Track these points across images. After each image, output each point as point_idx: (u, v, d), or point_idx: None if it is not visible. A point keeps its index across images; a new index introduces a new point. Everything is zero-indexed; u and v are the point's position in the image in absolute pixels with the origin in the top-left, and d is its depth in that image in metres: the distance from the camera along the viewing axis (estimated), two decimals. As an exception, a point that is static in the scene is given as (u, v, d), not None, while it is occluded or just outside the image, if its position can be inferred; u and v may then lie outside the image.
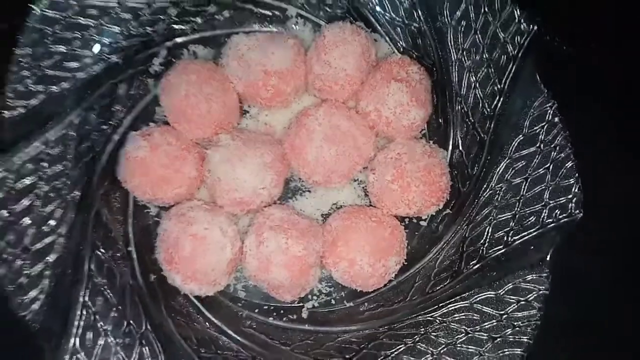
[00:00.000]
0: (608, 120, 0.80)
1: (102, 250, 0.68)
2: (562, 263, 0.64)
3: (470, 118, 0.72)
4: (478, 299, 0.65)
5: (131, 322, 0.65)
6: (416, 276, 0.71)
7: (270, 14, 0.79)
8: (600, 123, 0.79)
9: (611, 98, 0.80)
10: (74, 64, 0.69)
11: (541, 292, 0.63)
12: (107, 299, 0.65)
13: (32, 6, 0.67)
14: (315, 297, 0.73)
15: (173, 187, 0.67)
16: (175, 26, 0.75)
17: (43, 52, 0.67)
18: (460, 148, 0.73)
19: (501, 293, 0.64)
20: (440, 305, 0.67)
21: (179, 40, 0.76)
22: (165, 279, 0.68)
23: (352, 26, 0.72)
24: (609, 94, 0.80)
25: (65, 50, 0.68)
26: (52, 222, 0.65)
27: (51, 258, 0.64)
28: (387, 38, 0.77)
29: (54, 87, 0.68)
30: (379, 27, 0.77)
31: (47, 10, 0.68)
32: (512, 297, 0.64)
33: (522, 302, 0.63)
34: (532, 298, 0.63)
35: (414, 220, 0.75)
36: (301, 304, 0.72)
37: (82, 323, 0.62)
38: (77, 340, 0.61)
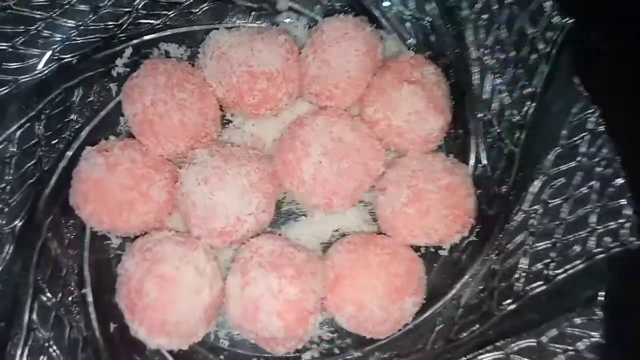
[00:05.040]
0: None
1: (49, 295, 0.62)
2: (618, 303, 0.59)
3: (496, 127, 0.68)
4: (515, 348, 0.60)
5: (83, 386, 0.58)
6: (436, 318, 0.66)
7: (256, 6, 0.75)
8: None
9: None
10: (16, 65, 0.65)
11: (594, 339, 0.58)
12: (53, 358, 0.60)
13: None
14: (314, 346, 0.67)
15: (137, 215, 0.62)
16: (143, 20, 0.71)
17: (-23, 50, 0.63)
18: (484, 163, 0.69)
19: (544, 341, 0.59)
20: (469, 356, 0.62)
21: (147, 37, 0.72)
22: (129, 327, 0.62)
23: (356, 19, 0.68)
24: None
25: (5, 48, 0.65)
26: (-18, 261, 0.60)
27: (-20, 307, 0.58)
28: (395, 35, 0.73)
29: (-9, 92, 0.64)
30: (384, 23, 0.74)
31: (-19, -1, 0.64)
32: (558, 346, 0.59)
33: (571, 353, 0.58)
34: (583, 347, 0.58)
35: (431, 249, 0.69)
36: (297, 354, 0.67)
37: (18, 392, 0.56)
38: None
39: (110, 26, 0.68)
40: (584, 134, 0.62)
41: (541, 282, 0.62)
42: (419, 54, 0.70)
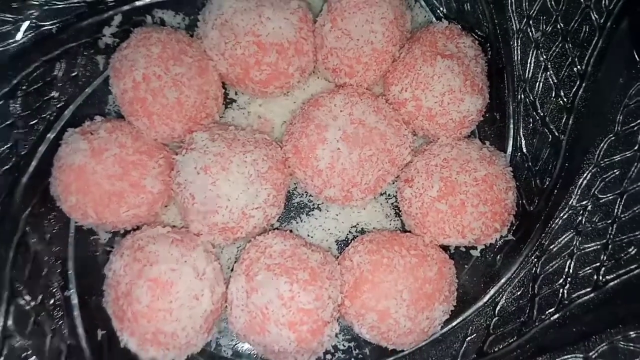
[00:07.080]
0: None
1: (27, 298, 0.58)
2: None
3: (539, 110, 0.65)
4: (560, 365, 0.55)
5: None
6: (467, 327, 0.62)
7: (265, -32, 0.71)
8: None
9: None
10: (-13, 33, 0.60)
11: (652, 357, 0.53)
12: (32, 369, 0.54)
13: None
14: (329, 356, 0.63)
15: (127, 208, 0.58)
16: (135, -17, 0.66)
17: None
18: (524, 151, 0.65)
19: (593, 357, 0.56)
20: (506, 372, 0.57)
21: (139, 2, 0.67)
22: (119, 335, 0.59)
23: (380, -18, 0.63)
24: None
25: (-26, 14, 0.59)
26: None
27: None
28: (423, 2, 0.68)
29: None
30: (411, -12, 0.68)
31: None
32: (610, 363, 0.54)
33: (625, 372, 0.53)
34: (639, 366, 0.53)
35: (462, 249, 0.65)
36: (310, 366, 0.63)
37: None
38: None
39: (96, -11, 0.63)
40: (642, 119, 0.58)
41: (589, 289, 0.59)
42: (454, 24, 0.63)
